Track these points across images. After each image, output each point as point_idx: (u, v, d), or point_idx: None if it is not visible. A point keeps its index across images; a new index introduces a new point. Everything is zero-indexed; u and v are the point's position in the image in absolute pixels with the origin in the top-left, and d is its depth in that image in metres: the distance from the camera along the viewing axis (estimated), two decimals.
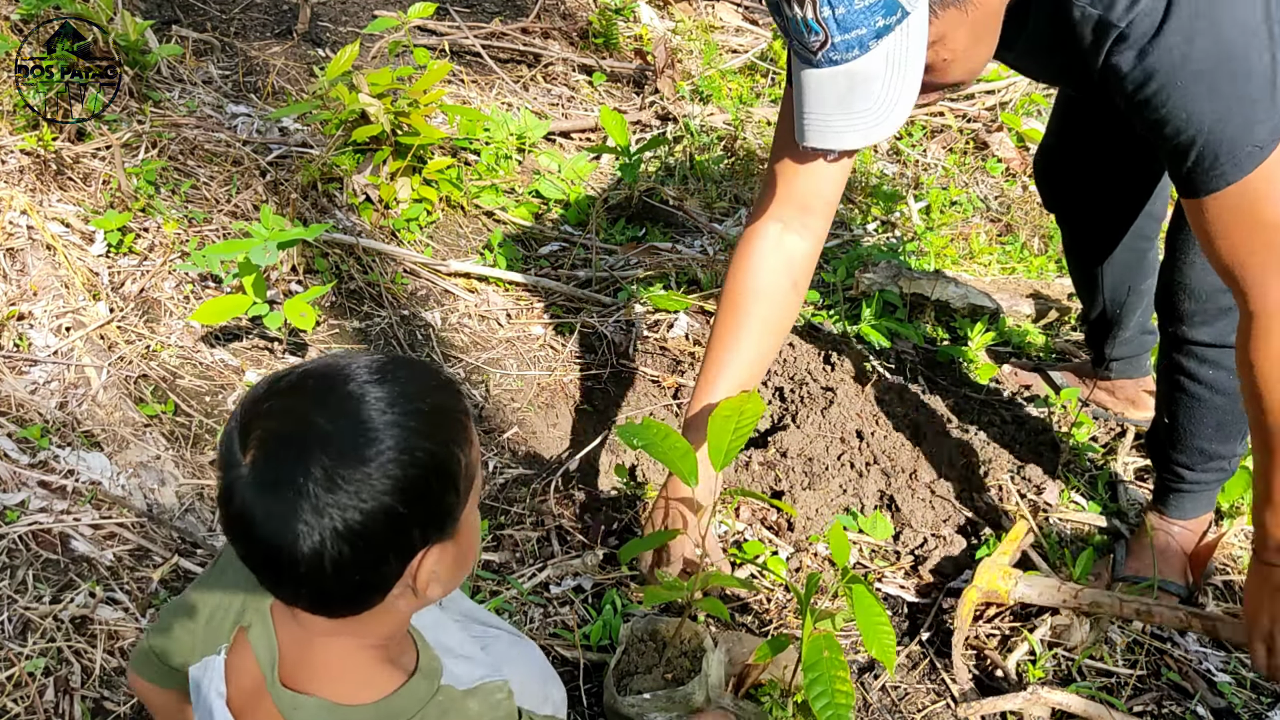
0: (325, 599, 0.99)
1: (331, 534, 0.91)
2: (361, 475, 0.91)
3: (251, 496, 0.92)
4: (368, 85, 2.75)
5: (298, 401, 0.94)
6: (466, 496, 1.01)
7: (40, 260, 2.34)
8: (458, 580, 1.08)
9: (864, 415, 2.31)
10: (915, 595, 2.06)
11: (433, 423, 0.96)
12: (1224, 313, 1.76)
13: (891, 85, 1.26)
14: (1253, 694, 1.88)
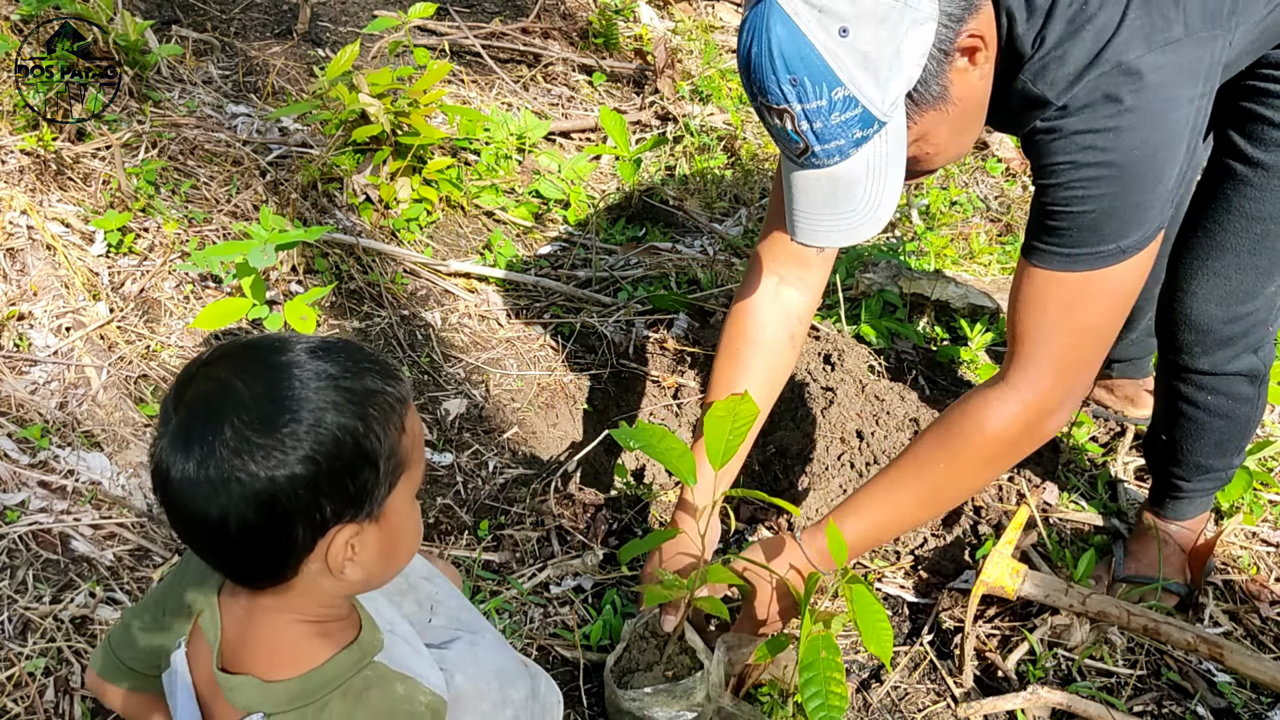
0: (237, 565, 1.02)
1: (238, 498, 0.94)
2: (271, 442, 0.94)
3: (169, 456, 0.95)
4: (368, 85, 2.75)
5: (230, 367, 0.97)
6: (391, 481, 1.03)
7: (40, 260, 2.34)
8: (386, 570, 1.09)
9: (864, 415, 2.31)
10: (915, 595, 2.06)
11: (356, 401, 0.98)
12: (1223, 343, 1.75)
13: (873, 189, 1.30)
14: (1253, 694, 1.88)
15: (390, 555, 1.08)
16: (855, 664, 1.92)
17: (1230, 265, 1.64)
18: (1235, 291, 1.66)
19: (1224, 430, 1.86)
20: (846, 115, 1.23)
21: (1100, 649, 1.92)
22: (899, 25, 1.19)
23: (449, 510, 2.15)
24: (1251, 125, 1.54)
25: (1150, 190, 1.30)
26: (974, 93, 1.32)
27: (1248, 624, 2.02)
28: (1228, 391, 1.80)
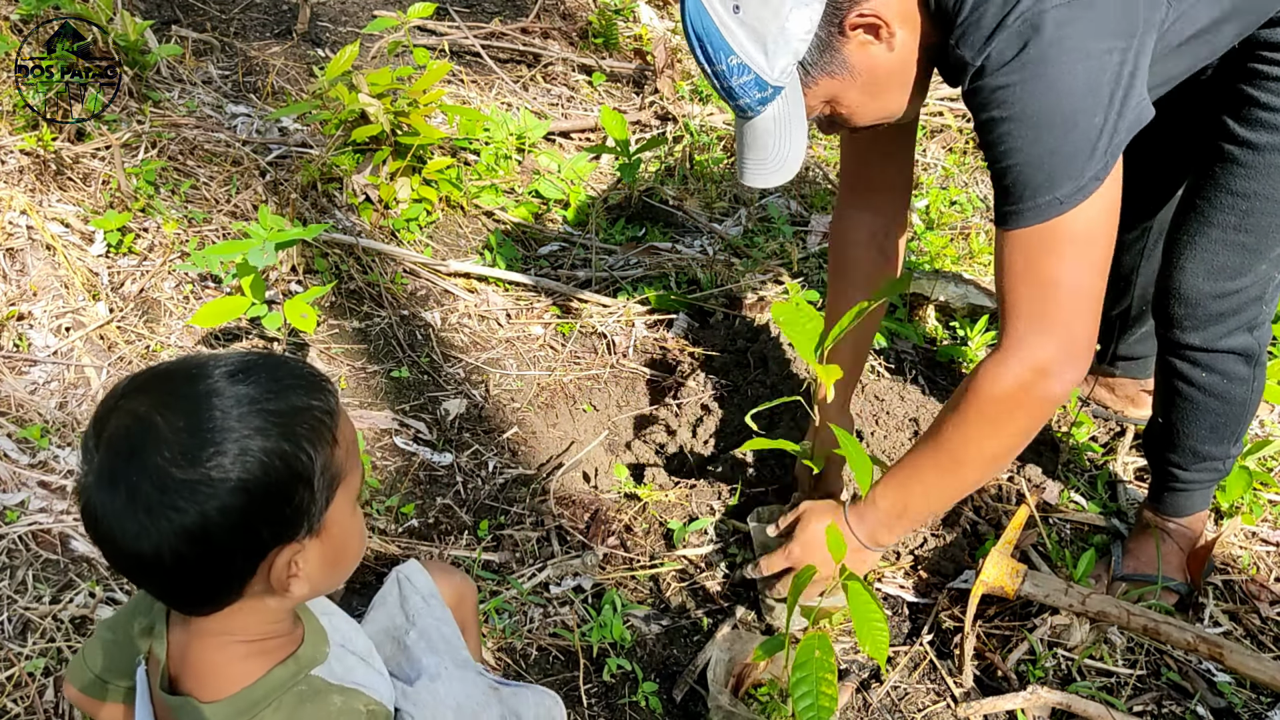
0: (178, 596, 1.00)
1: (169, 534, 0.92)
2: (198, 476, 0.91)
3: (95, 495, 0.93)
4: (367, 85, 2.75)
5: (148, 399, 0.94)
6: (328, 496, 1.01)
7: (40, 260, 2.34)
8: (333, 578, 1.08)
9: (864, 415, 2.31)
10: (915, 595, 2.06)
11: (282, 422, 0.95)
12: (1215, 318, 1.77)
13: (781, 141, 1.51)
14: (1253, 694, 1.88)
15: (335, 564, 1.07)
16: (855, 664, 1.92)
17: (1218, 241, 1.69)
18: (1224, 267, 1.70)
19: (1220, 412, 1.87)
20: (744, 79, 1.45)
21: (1100, 649, 1.92)
22: (781, 6, 1.39)
23: (449, 510, 2.15)
24: (1241, 107, 1.60)
25: (1065, 139, 1.35)
26: (882, 64, 1.47)
27: (1247, 624, 2.02)
28: (1222, 370, 1.82)
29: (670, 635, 1.94)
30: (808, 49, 1.43)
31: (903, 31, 1.44)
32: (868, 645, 1.45)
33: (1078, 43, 1.32)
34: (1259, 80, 1.57)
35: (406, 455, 2.26)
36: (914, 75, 1.51)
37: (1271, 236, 1.67)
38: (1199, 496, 2.03)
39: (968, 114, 3.70)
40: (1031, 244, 1.43)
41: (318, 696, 1.06)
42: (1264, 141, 1.59)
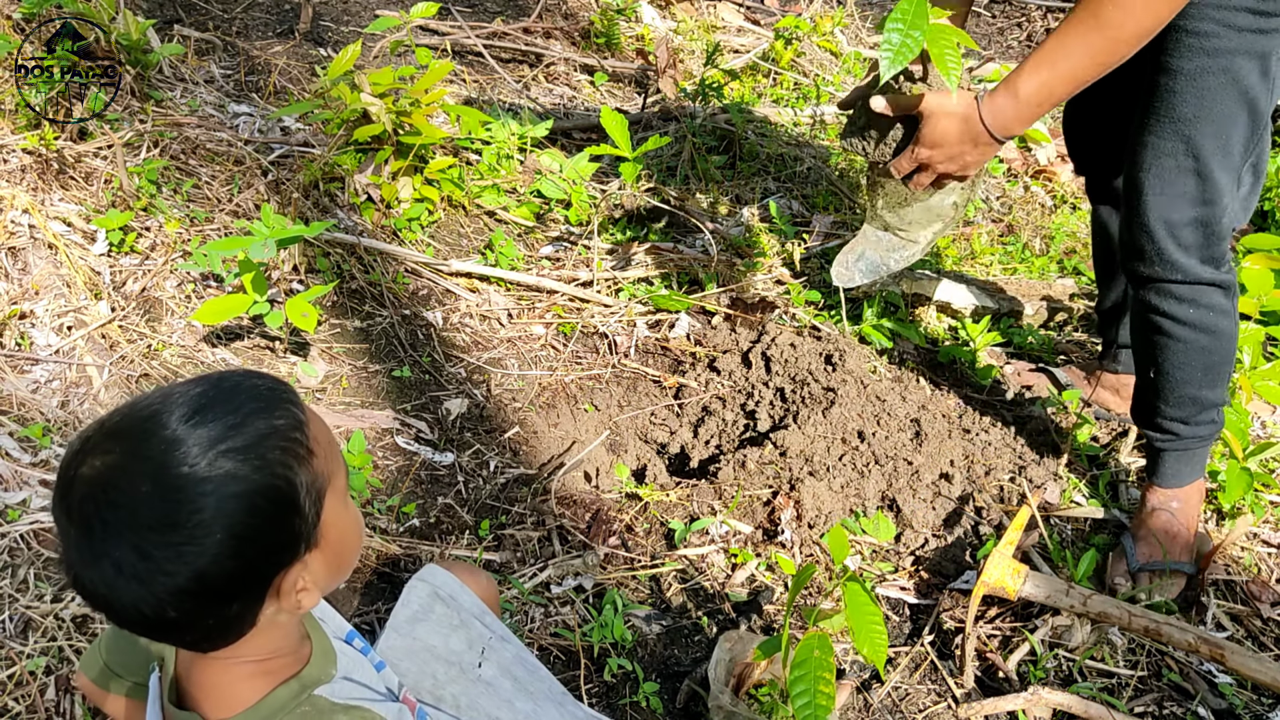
0: (192, 643, 0.98)
1: (167, 597, 0.89)
2: (179, 539, 0.87)
3: (80, 569, 0.89)
4: (369, 85, 2.75)
5: (106, 462, 0.89)
6: (316, 510, 0.98)
7: (42, 259, 2.34)
8: (339, 577, 1.07)
9: (865, 416, 2.31)
10: (916, 596, 2.06)
11: (253, 458, 0.91)
12: (1183, 249, 1.82)
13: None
14: (1254, 695, 1.88)
15: (339, 563, 1.05)
16: (856, 664, 1.92)
17: (1171, 169, 1.77)
18: (1182, 193, 1.78)
19: (1212, 349, 1.90)
20: None
21: (1101, 650, 1.92)
22: None
23: (450, 510, 2.16)
24: (1175, 41, 1.70)
25: None
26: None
27: (1249, 625, 2.01)
28: (1207, 303, 1.86)
29: (671, 635, 1.94)
30: None
31: None
32: (865, 648, 1.44)
33: None
34: (1192, 8, 1.66)
35: (408, 455, 2.26)
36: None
37: (1217, 158, 1.74)
38: (1196, 458, 2.04)
39: None
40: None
41: (321, 717, 1.04)
42: (1193, 66, 1.70)
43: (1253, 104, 1.72)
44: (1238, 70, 1.68)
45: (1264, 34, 1.65)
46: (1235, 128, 1.73)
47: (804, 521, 2.12)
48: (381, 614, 1.90)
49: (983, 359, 2.63)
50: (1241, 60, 1.68)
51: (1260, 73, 1.69)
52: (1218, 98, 1.70)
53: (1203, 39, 1.67)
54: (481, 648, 1.42)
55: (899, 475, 2.21)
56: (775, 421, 2.35)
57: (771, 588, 2.04)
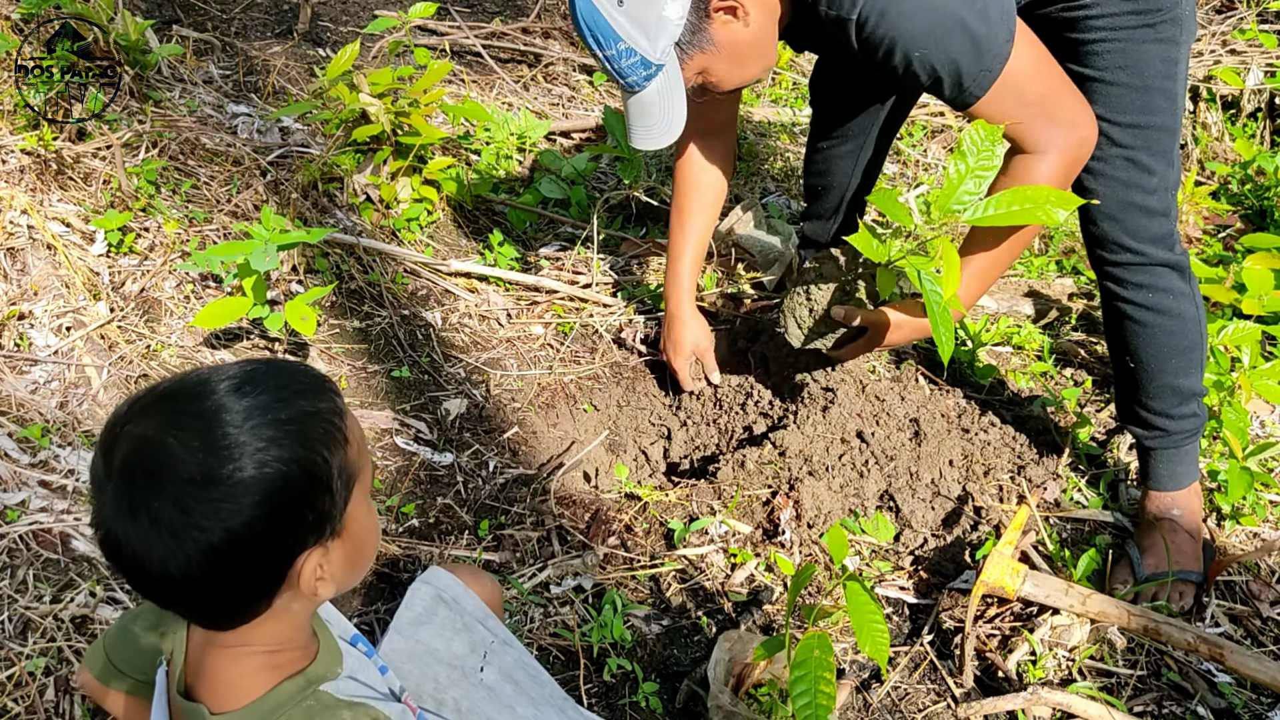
0: (208, 614, 1.00)
1: (196, 555, 0.91)
2: (218, 496, 0.91)
3: (115, 525, 0.92)
4: (368, 85, 2.75)
5: (154, 422, 0.93)
6: (345, 496, 1.01)
7: (41, 260, 2.34)
8: (354, 575, 1.09)
9: (864, 416, 2.31)
10: (916, 596, 2.06)
11: (294, 431, 0.95)
12: (1133, 233, 1.91)
13: (665, 110, 1.82)
14: (1253, 695, 1.88)
15: (356, 560, 1.07)
16: (856, 664, 1.92)
17: (1109, 157, 1.88)
18: (1120, 180, 1.89)
19: (1177, 332, 1.97)
20: (632, 60, 1.74)
21: (1101, 649, 1.92)
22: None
23: (449, 510, 2.15)
24: (1079, 52, 1.84)
25: (960, 36, 1.64)
26: (742, 38, 1.78)
27: (1248, 624, 2.01)
28: (1163, 286, 1.94)
29: (670, 635, 1.94)
30: (681, 31, 1.73)
31: (755, 10, 1.75)
32: (867, 646, 1.44)
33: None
34: (1075, 26, 1.82)
35: (407, 455, 2.26)
36: (771, 44, 1.83)
37: (1140, 145, 1.86)
38: (1188, 455, 2.07)
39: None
40: (996, 101, 1.72)
41: (326, 712, 1.05)
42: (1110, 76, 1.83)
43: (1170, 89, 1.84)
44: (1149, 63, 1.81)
45: (1152, 27, 1.78)
46: (1163, 114, 1.85)
47: (803, 521, 2.12)
48: (381, 614, 1.90)
49: (982, 358, 2.63)
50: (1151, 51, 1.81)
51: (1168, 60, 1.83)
52: (1139, 91, 1.83)
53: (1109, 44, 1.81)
54: (484, 652, 1.42)
55: (898, 475, 2.21)
56: (774, 421, 2.35)
57: (771, 587, 2.04)
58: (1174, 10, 1.78)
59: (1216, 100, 3.70)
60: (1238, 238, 3.14)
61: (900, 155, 3.58)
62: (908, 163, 3.55)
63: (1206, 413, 2.07)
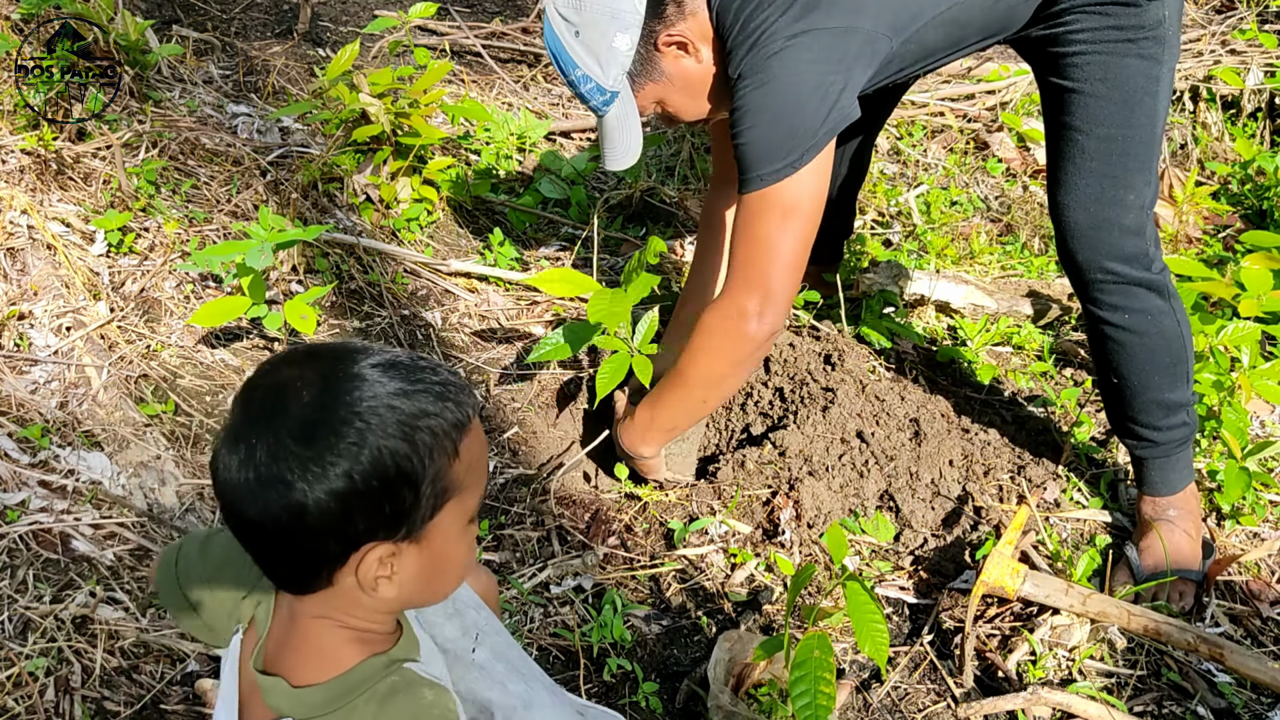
0: (273, 567, 1.02)
1: (273, 504, 0.95)
2: (311, 454, 0.94)
3: (221, 450, 0.98)
4: (368, 85, 2.75)
5: (297, 373, 0.98)
6: (434, 505, 1.01)
7: (41, 260, 2.34)
8: (427, 592, 1.08)
9: (864, 416, 2.31)
10: (916, 596, 2.06)
11: (405, 425, 0.97)
12: (1105, 252, 1.91)
13: (622, 134, 1.92)
14: (1253, 695, 1.88)
15: (431, 578, 1.06)
16: (856, 664, 1.92)
17: (1085, 171, 1.89)
18: (1094, 196, 1.89)
19: (1160, 349, 1.96)
20: (589, 86, 1.85)
21: (1100, 649, 1.92)
22: (608, 30, 1.80)
23: None
24: (1060, 65, 1.87)
25: (771, 131, 1.73)
26: (693, 72, 1.87)
27: (1248, 624, 2.01)
28: (1141, 307, 1.94)
29: (670, 635, 1.94)
30: (632, 62, 1.83)
31: (705, 48, 1.85)
32: (867, 646, 1.44)
33: (795, 63, 1.71)
34: (1058, 42, 1.85)
35: None
36: (722, 82, 1.87)
37: (1117, 160, 1.87)
38: (1182, 461, 2.06)
39: (968, 114, 3.71)
40: (749, 208, 1.80)
41: (410, 689, 1.06)
42: (1088, 88, 1.85)
43: (1150, 106, 1.85)
44: (1129, 77, 1.82)
45: (1133, 42, 1.80)
46: (1141, 130, 1.86)
47: (803, 521, 2.12)
48: None
49: (982, 358, 2.63)
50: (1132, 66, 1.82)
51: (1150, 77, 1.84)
52: (1118, 104, 1.84)
53: (1089, 57, 1.83)
54: (475, 634, 1.43)
55: (898, 475, 2.21)
56: (774, 421, 2.35)
57: (771, 587, 2.04)
58: (1156, 30, 1.79)
59: (1216, 100, 3.70)
60: (1238, 237, 3.14)
61: (900, 155, 3.58)
62: (908, 163, 3.55)
63: (1197, 418, 2.07)
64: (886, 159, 3.57)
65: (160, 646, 1.75)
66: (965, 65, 3.93)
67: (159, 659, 1.74)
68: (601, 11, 1.80)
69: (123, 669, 1.69)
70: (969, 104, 3.75)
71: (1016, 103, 3.71)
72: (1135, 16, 1.78)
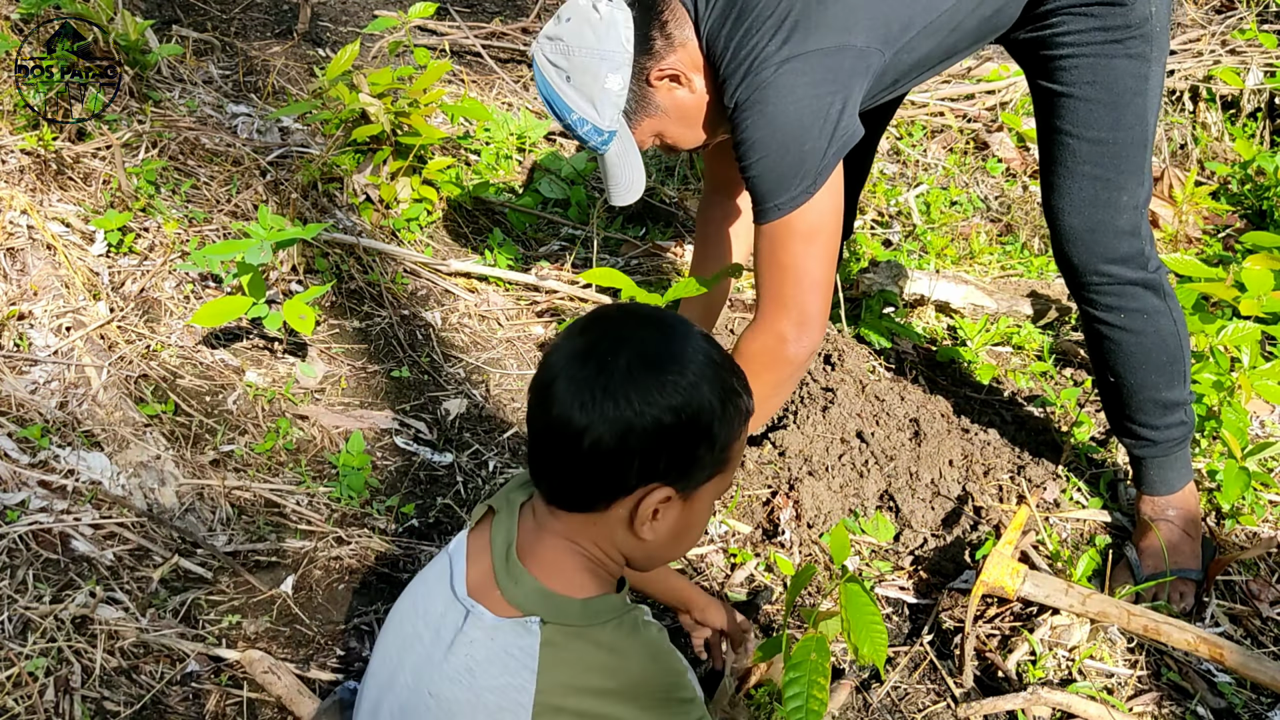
0: (565, 480, 1.15)
1: (605, 418, 1.08)
2: (654, 383, 1.09)
3: (565, 362, 1.12)
4: (368, 85, 2.75)
5: (638, 319, 1.18)
6: (712, 471, 1.17)
7: (40, 260, 2.34)
8: (667, 551, 1.23)
9: (864, 415, 2.31)
10: (915, 596, 2.06)
11: (723, 390, 1.14)
12: (1099, 255, 1.91)
13: (624, 170, 1.91)
14: (1253, 694, 1.88)
15: (678, 537, 1.21)
16: (856, 663, 1.92)
17: (1077, 174, 1.90)
18: (1088, 199, 1.90)
19: (1151, 347, 1.97)
20: (586, 128, 1.84)
21: (1100, 649, 1.92)
22: (599, 72, 1.80)
23: (449, 510, 2.15)
24: (1049, 68, 1.87)
25: (780, 161, 1.72)
26: (688, 102, 1.86)
27: (1248, 624, 2.01)
28: (1136, 306, 1.94)
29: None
30: (626, 101, 1.83)
31: (697, 78, 1.83)
32: (865, 647, 1.44)
33: (792, 89, 1.70)
34: (1049, 46, 1.85)
35: (407, 455, 2.26)
36: (718, 108, 1.86)
37: (1109, 163, 1.87)
38: (1180, 460, 2.06)
39: (968, 114, 3.71)
40: (770, 237, 1.80)
41: (648, 626, 1.19)
42: (1080, 92, 1.85)
43: (1140, 106, 1.85)
44: (1118, 79, 1.83)
45: (1120, 43, 1.80)
46: (1132, 131, 1.86)
47: (803, 521, 2.12)
48: (380, 615, 1.90)
49: (982, 358, 2.63)
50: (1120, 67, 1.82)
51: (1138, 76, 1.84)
52: (1108, 106, 1.84)
53: (1078, 60, 1.83)
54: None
55: (898, 475, 2.21)
56: (774, 421, 2.35)
57: (771, 588, 2.04)
58: (1143, 28, 1.79)
59: (1216, 100, 3.70)
60: (1238, 237, 3.14)
61: (900, 155, 3.58)
62: (908, 163, 3.55)
63: (1194, 417, 2.07)
64: (886, 159, 3.57)
65: (160, 646, 1.75)
66: (965, 65, 3.93)
67: (159, 659, 1.74)
68: (590, 55, 1.80)
69: (123, 669, 1.69)
70: (969, 104, 3.75)
71: (1016, 103, 3.71)
72: (1121, 16, 1.78)
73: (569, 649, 1.13)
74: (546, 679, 1.11)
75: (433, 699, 1.17)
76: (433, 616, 1.22)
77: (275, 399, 2.31)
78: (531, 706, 1.11)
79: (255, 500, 2.07)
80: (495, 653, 1.13)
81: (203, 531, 1.98)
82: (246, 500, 2.07)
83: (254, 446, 2.19)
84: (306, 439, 2.25)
